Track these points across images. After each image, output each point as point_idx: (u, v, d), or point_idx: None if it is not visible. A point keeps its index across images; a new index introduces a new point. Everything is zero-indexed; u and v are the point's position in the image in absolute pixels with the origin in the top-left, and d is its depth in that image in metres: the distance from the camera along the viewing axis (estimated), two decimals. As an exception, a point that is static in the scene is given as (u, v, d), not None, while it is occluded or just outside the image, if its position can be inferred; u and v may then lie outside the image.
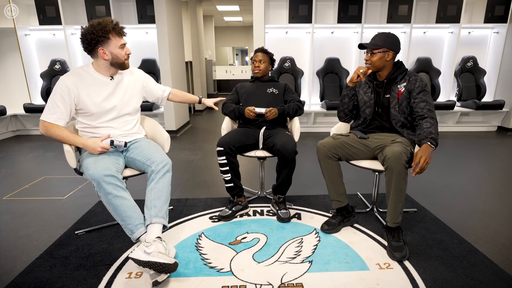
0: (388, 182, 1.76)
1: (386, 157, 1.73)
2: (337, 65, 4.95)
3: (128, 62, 1.87)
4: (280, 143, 2.09)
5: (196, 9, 7.07)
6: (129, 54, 1.84)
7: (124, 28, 1.81)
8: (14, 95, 5.13)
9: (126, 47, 1.82)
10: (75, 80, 1.76)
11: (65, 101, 1.73)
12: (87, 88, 1.79)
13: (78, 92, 1.75)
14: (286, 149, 2.06)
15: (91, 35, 1.71)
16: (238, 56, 13.64)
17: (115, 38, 1.75)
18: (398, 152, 1.71)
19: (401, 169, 1.70)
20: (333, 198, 2.00)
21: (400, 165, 1.69)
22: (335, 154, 1.94)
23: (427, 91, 1.88)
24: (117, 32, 1.75)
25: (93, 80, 1.82)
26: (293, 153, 2.07)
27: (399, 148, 1.73)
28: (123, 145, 1.81)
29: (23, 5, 4.91)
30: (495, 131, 5.10)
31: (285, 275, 1.59)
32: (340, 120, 2.23)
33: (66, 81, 1.74)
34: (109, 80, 1.86)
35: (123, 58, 1.81)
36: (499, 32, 4.91)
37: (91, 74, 1.82)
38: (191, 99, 2.35)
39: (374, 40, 1.92)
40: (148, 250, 1.48)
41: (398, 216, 1.79)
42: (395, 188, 1.73)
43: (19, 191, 2.75)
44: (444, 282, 1.52)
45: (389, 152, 1.73)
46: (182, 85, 5.45)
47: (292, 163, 2.11)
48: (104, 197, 1.64)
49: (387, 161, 1.72)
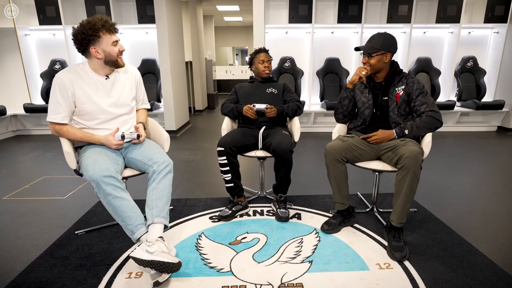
0: (400, 181, 1.74)
1: (404, 156, 1.72)
2: (337, 65, 4.95)
3: (122, 60, 1.83)
4: (275, 142, 2.09)
5: (196, 9, 7.07)
6: (122, 51, 1.80)
7: (115, 25, 1.78)
8: (14, 95, 5.13)
9: (119, 44, 1.79)
10: (71, 77, 1.75)
11: (64, 97, 1.74)
12: (83, 86, 1.78)
13: (74, 90, 1.75)
14: (280, 148, 2.06)
15: (82, 35, 1.69)
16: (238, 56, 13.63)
17: (105, 35, 1.72)
18: (416, 151, 1.71)
19: (417, 169, 1.70)
20: (337, 200, 1.99)
21: (417, 164, 1.70)
22: (344, 158, 1.92)
23: (425, 92, 1.90)
24: (107, 29, 1.73)
25: (89, 79, 1.81)
26: (287, 152, 2.06)
27: (416, 148, 1.74)
28: (135, 137, 1.84)
29: (23, 5, 4.91)
30: (495, 131, 5.10)
31: (285, 275, 1.59)
32: (338, 122, 2.22)
33: (61, 78, 1.73)
34: (105, 80, 1.84)
35: (116, 55, 1.78)
36: (499, 32, 4.91)
37: (87, 73, 1.81)
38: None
39: (371, 42, 1.91)
40: (150, 250, 1.47)
41: (405, 216, 1.79)
42: (408, 187, 1.72)
43: (19, 191, 2.75)
44: (444, 282, 1.52)
45: (407, 151, 1.73)
46: (182, 85, 5.45)
47: (288, 162, 2.10)
48: (104, 198, 1.64)
49: (404, 160, 1.71)
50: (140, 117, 2.04)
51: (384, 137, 1.93)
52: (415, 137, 1.92)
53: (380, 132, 1.95)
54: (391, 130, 1.93)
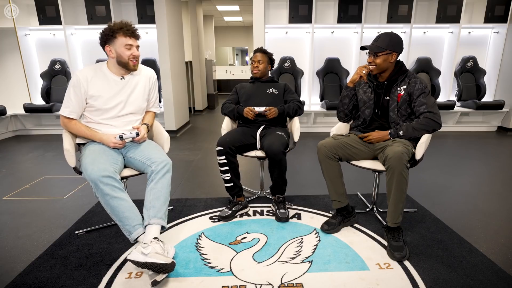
0: (389, 182, 1.76)
1: (388, 157, 1.73)
2: (337, 65, 4.95)
3: (135, 64, 1.88)
4: (266, 143, 2.10)
5: (196, 9, 7.07)
6: (135, 56, 1.85)
7: (133, 30, 1.82)
8: (14, 95, 5.13)
9: (134, 48, 1.84)
10: (87, 75, 1.84)
11: (77, 94, 1.82)
12: (97, 84, 1.85)
13: (88, 87, 1.83)
14: (271, 149, 2.06)
15: (102, 33, 1.83)
16: (238, 56, 13.63)
17: (121, 37, 1.80)
18: (399, 152, 1.71)
19: (402, 169, 1.70)
20: (334, 198, 2.00)
21: (402, 165, 1.69)
22: (336, 155, 1.93)
23: (427, 93, 1.88)
24: (124, 32, 1.79)
25: (104, 77, 1.88)
26: (278, 153, 2.06)
27: (401, 148, 1.73)
28: (134, 135, 1.87)
29: (23, 5, 4.91)
30: (495, 131, 5.10)
31: (285, 275, 1.59)
32: (340, 121, 2.23)
33: (78, 75, 1.83)
34: (119, 80, 1.91)
35: (127, 58, 1.83)
36: (499, 32, 4.91)
37: (103, 72, 1.89)
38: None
39: (377, 42, 1.90)
40: (145, 251, 1.49)
41: (398, 216, 1.78)
42: (396, 188, 1.73)
43: (19, 191, 2.75)
44: (444, 282, 1.52)
45: (391, 152, 1.73)
46: (182, 85, 5.45)
47: (281, 163, 2.10)
48: (102, 198, 1.65)
49: (389, 161, 1.72)
50: (146, 118, 2.08)
51: (379, 138, 1.94)
52: (412, 138, 1.90)
53: (375, 132, 1.97)
54: (387, 131, 1.93)
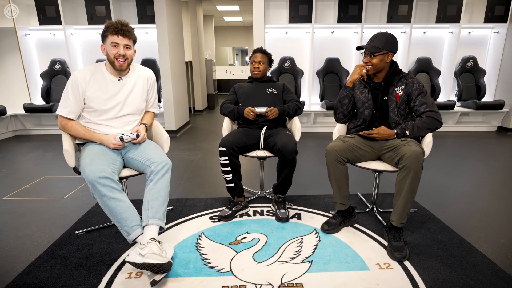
0: (401, 181, 1.74)
1: (405, 155, 1.72)
2: (337, 65, 4.95)
3: (121, 65, 1.82)
4: (280, 142, 2.09)
5: (196, 9, 7.07)
6: (120, 55, 1.80)
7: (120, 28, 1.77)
8: (14, 95, 5.13)
9: (120, 47, 1.79)
10: (85, 75, 1.83)
11: (75, 94, 1.81)
12: (95, 84, 1.85)
13: (86, 87, 1.82)
14: (286, 148, 2.06)
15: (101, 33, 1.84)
16: (238, 56, 13.62)
17: (110, 35, 1.79)
18: (418, 151, 1.71)
19: (418, 169, 1.70)
20: (337, 201, 1.99)
21: (418, 164, 1.70)
22: (345, 158, 1.92)
23: (425, 92, 1.90)
24: (112, 30, 1.77)
25: (102, 78, 1.87)
26: (293, 152, 2.07)
27: (418, 148, 1.74)
28: (134, 137, 1.86)
29: (23, 5, 4.91)
30: (495, 131, 5.10)
31: (285, 275, 1.59)
32: (338, 122, 2.21)
33: (76, 75, 1.83)
34: (117, 81, 1.90)
35: (112, 56, 1.80)
36: (499, 32, 4.91)
37: (101, 72, 1.88)
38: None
39: (373, 42, 1.90)
40: (142, 252, 1.48)
41: (405, 216, 1.79)
42: (409, 187, 1.72)
43: (19, 191, 2.75)
44: (444, 282, 1.52)
45: (409, 151, 1.73)
46: (182, 85, 5.45)
47: (292, 163, 2.11)
48: (100, 199, 1.64)
49: (406, 159, 1.71)
50: (145, 118, 2.07)
51: (385, 135, 1.92)
52: (415, 137, 1.92)
53: (381, 129, 1.93)
54: (393, 130, 1.93)
